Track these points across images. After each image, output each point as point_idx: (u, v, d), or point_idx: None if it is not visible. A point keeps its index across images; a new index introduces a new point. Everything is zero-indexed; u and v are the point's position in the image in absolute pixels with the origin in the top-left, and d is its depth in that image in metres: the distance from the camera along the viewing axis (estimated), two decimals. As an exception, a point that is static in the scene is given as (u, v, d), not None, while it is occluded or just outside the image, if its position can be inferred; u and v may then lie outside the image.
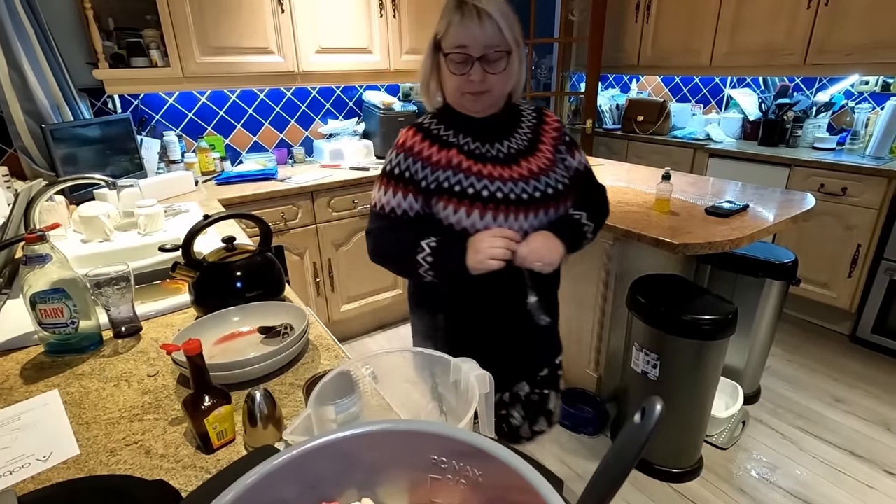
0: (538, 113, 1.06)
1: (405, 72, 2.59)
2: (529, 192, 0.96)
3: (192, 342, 0.61)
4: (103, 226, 1.44)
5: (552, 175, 0.99)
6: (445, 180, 0.95)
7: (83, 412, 0.73)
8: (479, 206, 0.94)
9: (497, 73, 0.91)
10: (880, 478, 1.64)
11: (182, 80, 2.05)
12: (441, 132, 0.99)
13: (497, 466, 0.33)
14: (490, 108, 0.97)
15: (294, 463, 0.33)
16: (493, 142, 0.99)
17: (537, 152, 1.00)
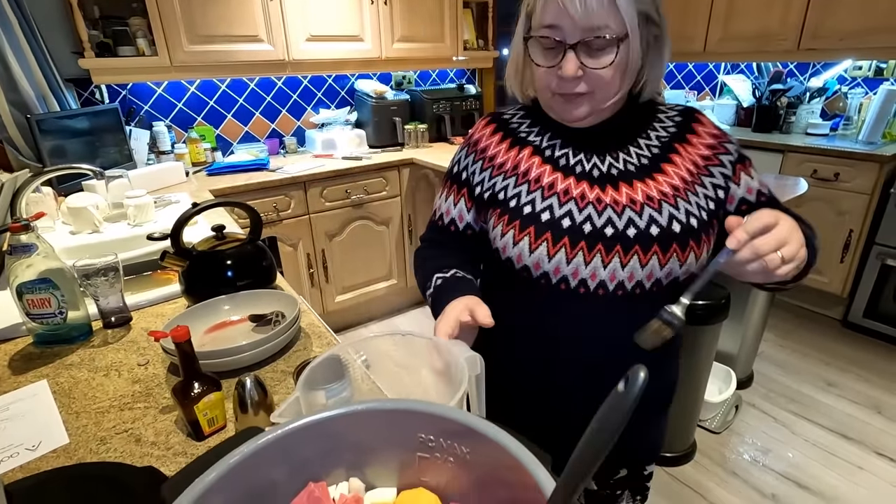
0: (685, 116, 0.72)
1: (397, 60, 2.56)
2: (624, 224, 0.65)
3: (180, 329, 0.61)
4: (92, 217, 1.43)
5: (682, 204, 0.66)
6: (503, 189, 0.72)
7: (73, 402, 0.73)
8: (531, 230, 0.68)
9: (602, 67, 0.62)
10: (871, 459, 1.66)
11: (170, 69, 2.02)
12: (521, 128, 0.77)
13: (484, 443, 0.33)
14: (591, 117, 0.68)
15: (280, 443, 0.33)
16: (594, 152, 0.71)
17: (662, 171, 0.68)
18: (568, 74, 0.63)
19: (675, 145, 0.70)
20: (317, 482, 0.35)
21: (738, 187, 0.70)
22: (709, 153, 0.69)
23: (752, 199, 0.70)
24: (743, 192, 0.70)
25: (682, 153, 0.69)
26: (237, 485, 0.31)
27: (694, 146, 0.70)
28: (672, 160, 0.69)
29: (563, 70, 0.63)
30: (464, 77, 3.19)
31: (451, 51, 2.71)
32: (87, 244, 1.38)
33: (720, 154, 0.69)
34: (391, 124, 2.65)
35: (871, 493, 1.54)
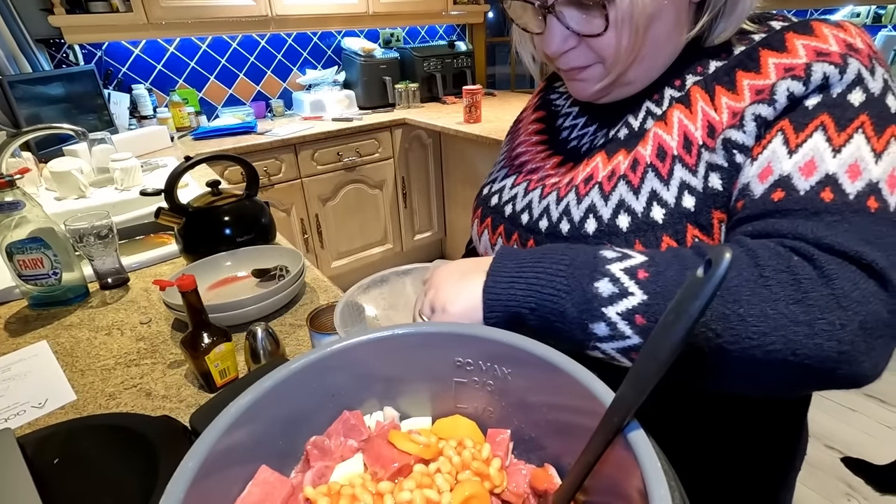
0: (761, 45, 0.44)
1: (385, 15, 2.45)
2: (558, 216, 0.51)
3: (186, 278, 0.58)
4: (77, 182, 1.37)
5: (650, 184, 0.45)
6: (491, 172, 0.66)
7: (76, 360, 0.71)
8: (478, 214, 0.63)
9: (594, 33, 0.44)
10: (861, 400, 1.72)
11: (147, 26, 1.91)
12: (561, 87, 0.63)
13: (528, 363, 0.32)
14: (615, 91, 0.50)
15: (313, 368, 0.31)
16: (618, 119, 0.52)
17: (643, 140, 0.48)
18: (549, 50, 0.47)
19: (696, 91, 0.46)
20: (351, 411, 0.34)
21: (753, 164, 0.41)
22: (753, 99, 0.42)
23: (756, 192, 0.40)
24: (752, 176, 0.40)
25: (698, 102, 0.45)
26: (269, 411, 0.30)
27: (736, 92, 0.43)
28: (669, 116, 0.47)
29: (543, 44, 0.48)
30: (454, 33, 3.09)
31: (441, 5, 2.61)
32: (75, 209, 1.33)
33: (762, 102, 0.41)
34: (381, 84, 2.57)
35: (862, 432, 1.60)
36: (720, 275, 0.19)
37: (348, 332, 0.53)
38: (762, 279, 0.33)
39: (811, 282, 0.33)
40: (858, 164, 0.36)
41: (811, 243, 0.34)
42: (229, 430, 0.27)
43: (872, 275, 0.33)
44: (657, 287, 0.35)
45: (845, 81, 0.39)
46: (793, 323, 0.32)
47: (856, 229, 0.34)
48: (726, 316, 0.33)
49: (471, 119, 2.11)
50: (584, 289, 0.37)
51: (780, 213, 0.37)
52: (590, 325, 0.36)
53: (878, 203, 0.35)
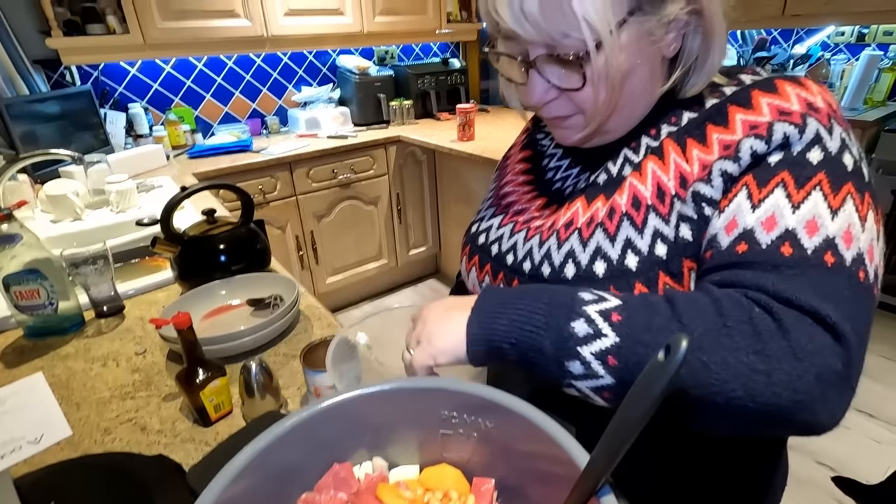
0: (733, 97, 0.46)
1: (379, 34, 2.49)
2: (539, 258, 0.52)
3: (182, 315, 0.59)
4: (73, 204, 1.38)
5: (625, 232, 0.47)
6: (479, 209, 0.68)
7: (71, 393, 0.72)
8: (466, 252, 0.64)
9: (573, 88, 0.47)
10: (852, 415, 1.74)
11: (144, 47, 1.93)
12: (545, 140, 0.66)
13: (508, 417, 0.33)
14: (596, 138, 0.52)
15: (305, 425, 0.32)
16: (603, 163, 0.54)
17: (619, 188, 0.49)
18: (531, 102, 0.49)
19: (669, 144, 0.47)
20: (341, 463, 0.35)
21: (720, 217, 0.43)
22: (721, 154, 0.44)
23: (723, 244, 0.41)
24: (719, 227, 0.42)
25: (671, 154, 0.47)
26: (264, 468, 0.31)
27: (706, 145, 0.45)
28: (644, 167, 0.48)
29: (528, 95, 0.49)
30: (447, 51, 3.13)
31: (435, 23, 2.65)
32: (71, 233, 1.34)
33: (727, 158, 0.43)
34: (376, 101, 2.60)
35: (853, 447, 1.61)
36: (678, 360, 0.21)
37: (338, 369, 0.54)
38: (725, 328, 0.35)
39: (770, 334, 0.34)
40: (816, 221, 0.38)
41: (771, 296, 0.36)
42: (225, 491, 0.28)
43: (826, 329, 0.35)
44: (628, 330, 0.37)
45: (804, 140, 0.41)
46: (752, 372, 0.34)
47: (812, 283, 0.36)
48: (690, 363, 0.35)
49: (464, 137, 2.14)
50: (562, 327, 0.39)
51: (744, 265, 0.39)
52: (566, 362, 0.38)
53: (834, 258, 0.37)
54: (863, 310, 0.37)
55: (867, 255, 0.38)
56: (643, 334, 0.37)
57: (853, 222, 0.38)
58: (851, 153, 0.41)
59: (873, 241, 0.39)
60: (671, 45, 0.47)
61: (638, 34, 0.45)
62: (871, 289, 0.38)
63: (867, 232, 0.39)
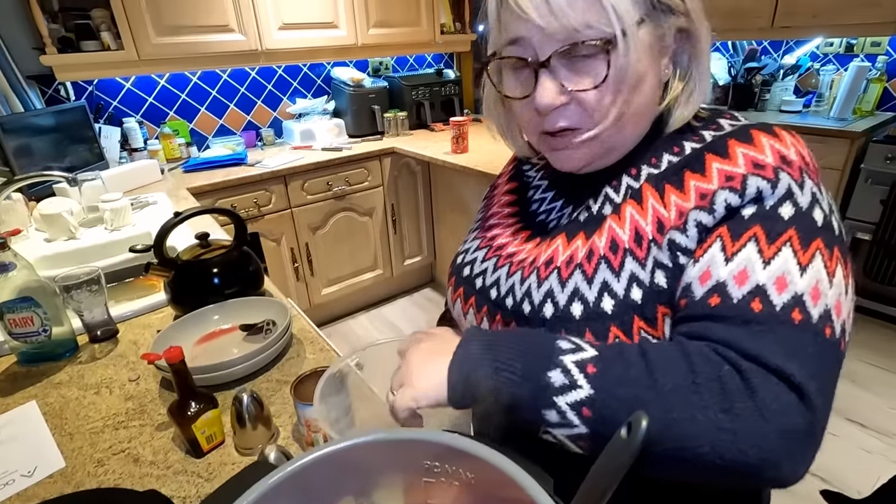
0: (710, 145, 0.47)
1: (373, 46, 2.51)
2: (521, 295, 0.53)
3: (174, 350, 0.60)
4: (67, 223, 1.39)
5: (602, 275, 0.47)
6: (466, 239, 0.69)
7: (65, 423, 0.72)
8: (452, 283, 0.65)
9: (588, 87, 0.46)
10: (843, 425, 1.75)
11: (138, 62, 1.94)
12: (532, 171, 0.67)
13: (487, 467, 0.34)
14: (595, 162, 0.52)
15: (293, 478, 0.33)
16: (585, 199, 0.55)
17: (599, 229, 0.50)
18: (543, 103, 0.46)
19: (647, 189, 0.48)
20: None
21: (695, 266, 0.43)
22: (697, 203, 0.44)
23: (696, 294, 0.42)
24: (694, 277, 0.43)
25: (649, 199, 0.48)
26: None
27: (684, 192, 0.46)
28: (623, 211, 0.49)
29: (535, 100, 0.47)
30: (441, 61, 3.15)
31: (429, 35, 2.67)
32: (65, 252, 1.35)
33: (703, 209, 0.44)
34: (370, 112, 2.61)
35: (844, 458, 1.63)
36: (639, 439, 0.22)
37: (328, 403, 0.55)
38: (694, 385, 0.37)
39: (738, 392, 0.36)
40: (785, 277, 0.39)
41: (740, 353, 0.38)
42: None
43: (792, 388, 0.36)
44: (602, 383, 0.39)
45: (776, 195, 0.42)
46: (720, 430, 0.35)
47: (779, 340, 0.37)
48: (661, 419, 0.36)
49: (458, 149, 2.15)
50: (539, 377, 0.40)
51: (716, 318, 0.40)
52: (542, 411, 0.40)
53: (802, 315, 0.38)
54: (828, 366, 0.38)
55: (834, 310, 0.39)
56: (616, 388, 0.38)
57: (821, 278, 0.39)
58: (822, 207, 0.42)
59: (841, 296, 0.40)
60: (665, 69, 0.49)
61: (650, 38, 0.46)
62: (838, 344, 0.39)
63: (835, 287, 0.40)
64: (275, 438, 0.67)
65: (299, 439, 0.67)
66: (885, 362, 2.04)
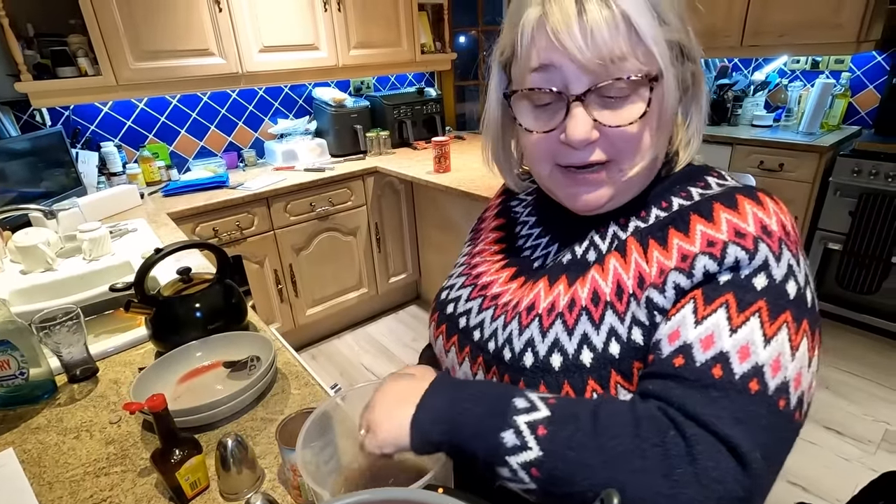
0: (692, 209, 0.47)
1: (355, 67, 2.52)
2: (503, 340, 0.53)
3: (157, 398, 0.60)
4: (44, 255, 1.36)
5: (582, 327, 0.48)
6: (451, 274, 0.69)
7: (44, 471, 0.71)
8: (435, 318, 0.65)
9: (627, 122, 0.45)
10: (821, 433, 1.79)
11: (116, 88, 1.93)
12: (520, 206, 0.67)
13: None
14: (612, 201, 0.51)
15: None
16: (574, 242, 0.55)
17: (582, 277, 0.51)
18: (578, 138, 0.45)
19: (632, 243, 0.49)
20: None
21: (666, 324, 0.44)
22: (678, 265, 0.45)
23: (664, 352, 0.43)
24: (664, 335, 0.44)
25: (633, 253, 0.48)
26: None
27: (667, 249, 0.46)
28: (607, 263, 0.50)
29: (569, 133, 0.46)
30: (423, 80, 3.18)
31: (409, 55, 2.70)
32: (42, 284, 1.32)
33: (682, 271, 0.45)
34: (352, 132, 2.62)
35: (822, 465, 1.67)
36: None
37: (312, 448, 0.56)
38: (639, 450, 0.39)
39: (679, 458, 0.37)
40: (749, 347, 0.40)
41: (690, 417, 0.39)
42: None
43: (735, 456, 0.37)
44: (551, 446, 0.41)
45: (753, 266, 0.43)
46: (659, 495, 0.37)
47: (733, 408, 0.39)
48: (606, 482, 0.39)
49: (440, 169, 2.17)
50: (492, 437, 0.43)
51: (677, 379, 0.41)
52: (496, 467, 0.43)
53: (759, 386, 0.39)
54: (777, 438, 0.39)
55: (793, 382, 0.40)
56: (565, 451, 0.40)
57: (783, 351, 0.40)
58: (797, 280, 0.43)
59: (802, 369, 0.41)
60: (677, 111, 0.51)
61: (676, 79, 0.47)
62: (791, 416, 0.40)
63: (797, 360, 0.41)
64: (260, 481, 0.67)
65: (285, 482, 0.66)
66: (859, 369, 2.10)
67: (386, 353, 2.46)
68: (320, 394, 0.84)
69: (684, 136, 0.52)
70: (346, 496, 0.37)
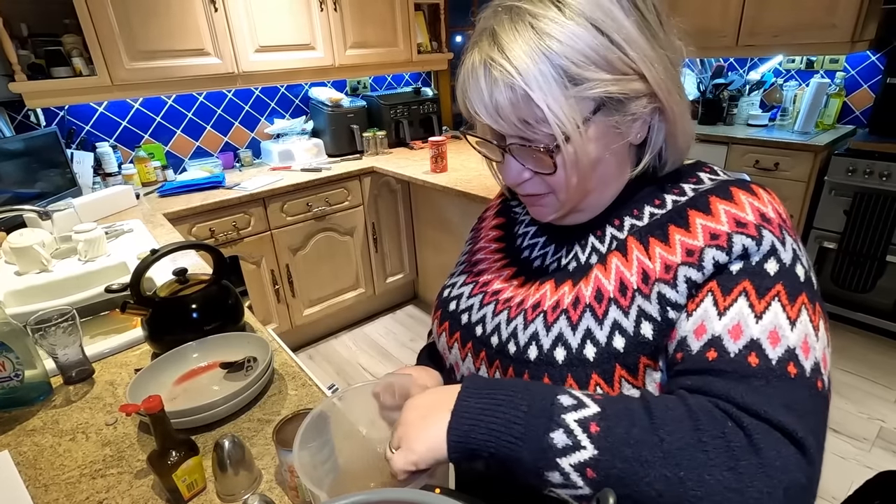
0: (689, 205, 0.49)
1: (351, 67, 2.52)
2: (508, 335, 0.54)
3: (153, 399, 0.60)
4: (39, 256, 1.36)
5: (586, 323, 0.49)
6: (453, 272, 0.70)
7: (39, 473, 0.70)
8: (438, 315, 0.66)
9: (545, 172, 0.50)
10: (817, 431, 1.80)
11: (112, 88, 1.92)
12: (520, 206, 0.70)
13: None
14: (570, 216, 0.55)
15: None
16: (568, 244, 0.58)
17: (585, 278, 0.52)
18: (507, 182, 0.53)
19: (632, 242, 0.50)
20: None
21: (688, 320, 0.45)
22: (684, 259, 0.46)
23: (693, 348, 0.43)
24: (689, 331, 0.44)
25: (634, 252, 0.50)
26: None
27: (669, 245, 0.47)
28: (609, 262, 0.51)
29: (503, 176, 0.54)
30: (419, 80, 3.18)
31: (406, 55, 2.70)
32: (37, 285, 1.31)
33: (692, 265, 0.45)
34: (349, 132, 2.62)
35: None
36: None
37: (308, 449, 0.56)
38: (700, 444, 0.37)
39: (742, 450, 0.37)
40: (777, 332, 0.41)
41: (741, 408, 0.39)
42: None
43: (793, 442, 0.37)
44: (607, 443, 0.39)
45: (762, 252, 0.44)
46: (726, 489, 0.36)
47: (778, 395, 0.39)
48: (668, 478, 0.37)
49: (437, 169, 2.17)
50: (540, 438, 0.40)
51: (714, 373, 0.41)
52: (545, 472, 0.40)
53: (796, 369, 0.40)
54: (821, 420, 0.40)
55: (822, 363, 0.41)
56: (622, 448, 0.38)
57: (809, 332, 0.41)
58: (802, 264, 0.45)
59: (825, 349, 0.42)
60: (637, 133, 0.51)
61: (605, 127, 0.48)
62: (827, 397, 0.41)
63: (820, 341, 0.42)
64: (257, 482, 0.66)
65: (283, 483, 0.66)
66: (854, 367, 2.11)
67: (383, 354, 2.46)
68: (317, 394, 0.84)
69: (665, 151, 0.53)
70: (344, 497, 0.37)
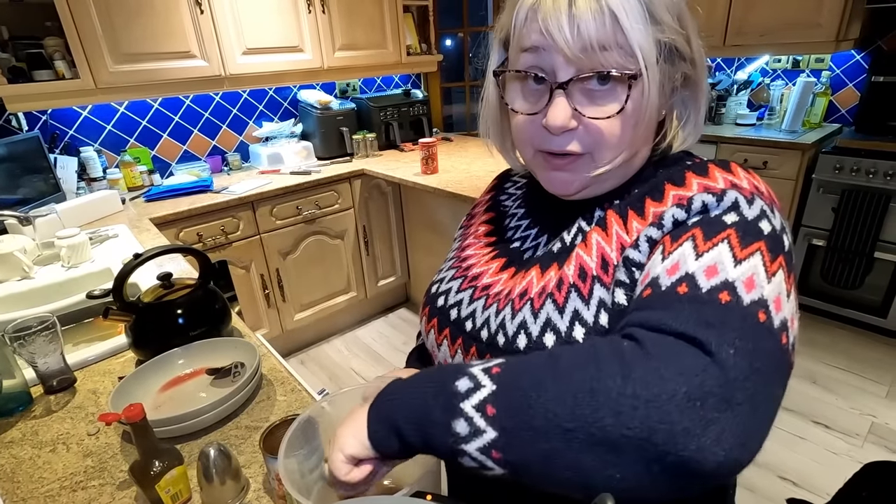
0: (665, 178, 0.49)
1: (340, 69, 2.50)
2: (496, 327, 0.53)
3: (134, 407, 0.58)
4: (20, 262, 1.32)
5: (573, 304, 0.48)
6: (441, 269, 0.68)
7: (17, 487, 0.68)
8: (426, 313, 0.64)
9: (605, 116, 0.46)
10: (809, 428, 1.81)
11: (95, 91, 1.89)
12: (511, 189, 0.69)
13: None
14: (585, 190, 0.52)
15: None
16: (561, 231, 0.56)
17: (568, 258, 0.51)
18: (556, 124, 0.47)
19: (612, 216, 0.50)
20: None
21: (640, 275, 0.46)
22: (651, 222, 0.46)
23: (636, 294, 0.44)
24: (639, 283, 0.45)
25: (613, 225, 0.49)
26: None
27: (644, 217, 0.47)
28: (589, 238, 0.50)
29: (548, 119, 0.47)
30: (409, 82, 3.17)
31: (395, 57, 2.69)
32: (18, 293, 1.28)
33: (653, 224, 0.46)
34: (338, 134, 2.60)
35: (811, 460, 1.68)
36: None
37: (296, 456, 0.54)
38: (594, 362, 0.35)
39: (636, 358, 0.34)
40: (716, 266, 0.38)
41: (647, 327, 0.37)
42: None
43: (703, 350, 0.34)
44: (505, 378, 0.38)
45: (722, 207, 0.43)
46: (620, 395, 0.32)
47: (698, 314, 0.36)
48: (559, 398, 0.34)
49: (428, 171, 2.16)
50: (448, 388, 0.39)
51: (641, 307, 0.40)
52: (452, 423, 0.37)
53: (730, 297, 0.36)
54: (760, 348, 0.35)
55: (772, 304, 0.37)
56: (519, 378, 0.37)
57: (757, 272, 0.38)
58: (772, 223, 0.42)
59: (781, 295, 0.38)
60: (662, 110, 0.51)
61: (662, 78, 0.47)
62: (778, 335, 0.36)
63: (773, 285, 0.38)
64: (245, 492, 0.64)
65: (270, 491, 0.64)
66: (844, 363, 2.12)
67: (376, 357, 2.44)
68: (307, 400, 0.82)
69: (680, 133, 0.53)
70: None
